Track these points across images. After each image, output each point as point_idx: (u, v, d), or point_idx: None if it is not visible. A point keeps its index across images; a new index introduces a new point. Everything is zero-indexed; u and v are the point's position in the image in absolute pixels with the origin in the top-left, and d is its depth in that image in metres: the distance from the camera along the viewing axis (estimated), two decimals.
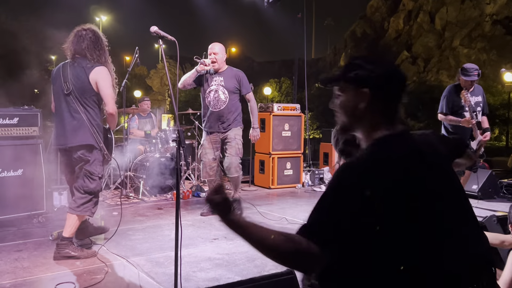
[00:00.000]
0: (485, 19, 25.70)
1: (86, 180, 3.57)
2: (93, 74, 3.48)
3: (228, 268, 3.42)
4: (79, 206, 3.55)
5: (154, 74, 44.37)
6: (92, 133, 3.52)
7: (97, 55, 3.55)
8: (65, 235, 3.55)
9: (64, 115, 3.56)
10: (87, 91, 3.50)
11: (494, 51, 23.95)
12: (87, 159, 3.55)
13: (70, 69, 3.54)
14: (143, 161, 6.40)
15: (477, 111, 5.04)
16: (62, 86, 3.55)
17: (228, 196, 1.33)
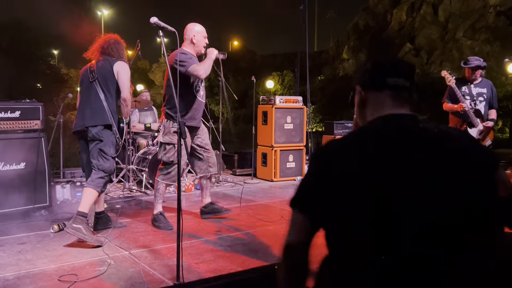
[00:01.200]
0: (489, 10, 25.51)
1: (101, 159, 3.89)
2: (116, 65, 3.98)
3: (231, 260, 3.43)
4: (93, 181, 3.84)
5: (156, 68, 44.34)
6: (108, 115, 3.92)
7: (119, 55, 4.09)
8: (81, 209, 3.68)
9: (86, 99, 3.98)
10: (109, 78, 3.96)
11: (498, 43, 23.79)
12: (100, 138, 3.89)
13: (96, 65, 4.02)
14: (145, 155, 6.41)
15: (478, 101, 5.15)
16: (88, 76, 4.01)
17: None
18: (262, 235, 4.13)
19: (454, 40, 26.15)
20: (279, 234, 4.17)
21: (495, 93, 5.34)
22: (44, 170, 4.66)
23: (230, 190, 6.48)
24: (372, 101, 1.46)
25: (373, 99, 1.46)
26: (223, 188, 6.66)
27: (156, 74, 44.03)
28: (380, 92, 1.45)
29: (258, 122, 7.63)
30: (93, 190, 3.81)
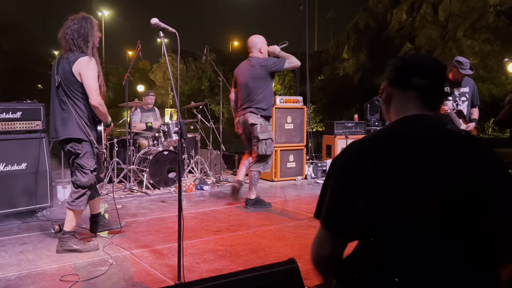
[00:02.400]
0: (489, 10, 25.51)
1: (78, 173, 3.56)
2: (76, 65, 3.42)
3: (231, 259, 3.44)
4: (73, 201, 3.56)
5: (157, 69, 44.37)
6: (80, 125, 3.47)
7: (78, 46, 3.48)
8: (66, 229, 3.59)
9: (55, 108, 3.56)
10: (72, 83, 3.45)
11: (498, 42, 23.79)
12: (77, 152, 3.53)
13: (61, 62, 3.52)
14: (146, 155, 6.43)
15: (460, 101, 5.11)
16: (54, 78, 3.53)
17: None
18: (263, 234, 4.14)
19: (454, 39, 26.16)
20: (280, 233, 4.19)
21: (476, 91, 5.28)
22: (45, 170, 4.68)
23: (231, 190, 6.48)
24: (397, 99, 1.46)
25: (398, 97, 1.46)
26: (224, 188, 6.67)
27: (156, 74, 44.06)
28: (405, 91, 1.44)
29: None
30: (76, 210, 3.59)
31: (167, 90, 41.00)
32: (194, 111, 7.45)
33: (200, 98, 31.63)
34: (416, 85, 1.41)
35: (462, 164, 1.30)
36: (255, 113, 5.07)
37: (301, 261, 1.76)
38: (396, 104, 1.46)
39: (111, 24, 45.98)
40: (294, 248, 3.74)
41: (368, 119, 8.89)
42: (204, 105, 7.43)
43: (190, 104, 7.44)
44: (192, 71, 42.83)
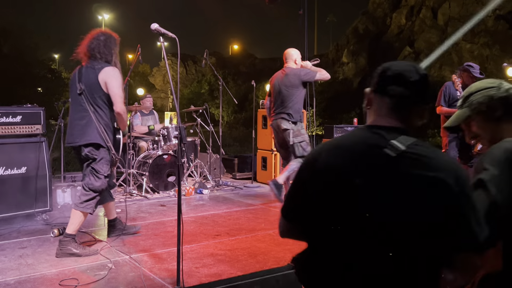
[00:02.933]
0: (488, 14, 25.58)
1: (92, 177, 3.64)
2: (102, 74, 3.57)
3: (231, 264, 3.44)
4: (82, 203, 3.61)
5: (156, 72, 44.42)
6: (100, 132, 3.58)
7: (105, 55, 3.67)
8: (68, 232, 3.60)
9: (75, 114, 3.67)
10: (96, 90, 3.59)
11: (497, 46, 23.84)
12: (94, 157, 3.62)
13: (84, 71, 3.66)
14: (146, 159, 6.43)
15: None
16: (76, 86, 3.66)
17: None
18: (262, 239, 4.14)
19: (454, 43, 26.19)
20: (279, 238, 4.18)
21: None
22: (45, 174, 4.68)
23: (230, 194, 6.50)
24: (375, 105, 1.50)
25: (376, 103, 1.49)
26: (223, 192, 6.67)
27: (156, 78, 44.10)
28: (382, 97, 1.47)
29: (258, 126, 7.66)
30: (81, 213, 3.62)
31: (167, 94, 41.05)
32: (193, 114, 7.46)
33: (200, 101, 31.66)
34: (391, 92, 1.44)
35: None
36: (286, 119, 5.37)
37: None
38: (373, 109, 1.50)
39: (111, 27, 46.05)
40: (293, 252, 3.73)
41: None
42: (204, 109, 7.44)
43: (190, 108, 7.45)
44: (192, 75, 42.89)
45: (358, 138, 1.46)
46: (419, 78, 1.47)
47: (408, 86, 1.44)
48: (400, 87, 1.44)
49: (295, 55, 5.61)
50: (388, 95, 1.45)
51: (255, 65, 42.03)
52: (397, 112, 1.45)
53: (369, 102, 1.53)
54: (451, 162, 1.37)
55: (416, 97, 1.45)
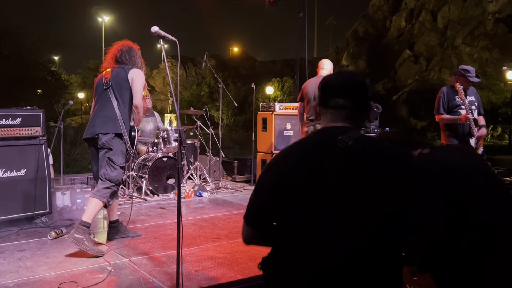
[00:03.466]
0: (488, 17, 25.64)
1: (108, 168, 3.81)
2: (131, 72, 3.94)
3: (230, 267, 3.44)
4: (99, 191, 3.77)
5: (156, 74, 44.46)
6: (120, 124, 3.84)
7: (133, 61, 4.04)
8: (84, 219, 3.62)
9: (99, 107, 3.93)
10: (123, 85, 3.91)
11: (497, 50, 23.89)
12: (110, 147, 3.82)
13: (111, 72, 3.98)
14: (145, 161, 6.42)
15: (472, 109, 5.09)
16: (102, 83, 3.95)
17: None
18: None
19: (453, 47, 26.26)
20: None
21: (479, 99, 5.30)
22: (45, 176, 4.67)
23: (230, 197, 6.49)
24: (323, 116, 1.70)
25: (323, 115, 1.70)
26: (223, 194, 6.67)
27: (156, 80, 44.14)
28: (326, 109, 1.67)
29: (258, 128, 7.66)
30: (98, 200, 3.73)
31: (167, 96, 41.07)
32: (193, 117, 7.46)
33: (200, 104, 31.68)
34: (332, 104, 1.64)
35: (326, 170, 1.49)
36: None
37: None
38: (323, 120, 1.70)
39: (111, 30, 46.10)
40: None
41: (366, 126, 8.89)
42: (204, 112, 7.44)
43: (190, 111, 7.45)
44: (192, 77, 42.93)
45: (311, 139, 1.69)
46: (357, 87, 1.66)
47: (348, 96, 1.63)
48: (341, 99, 1.63)
49: (330, 67, 5.84)
50: (330, 106, 1.65)
51: (255, 68, 42.10)
52: (344, 118, 1.63)
53: (318, 115, 1.72)
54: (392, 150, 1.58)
55: (357, 104, 1.64)
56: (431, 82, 24.74)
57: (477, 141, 5.04)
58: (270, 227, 1.57)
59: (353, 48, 32.43)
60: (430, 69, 26.78)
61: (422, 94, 23.26)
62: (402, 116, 23.78)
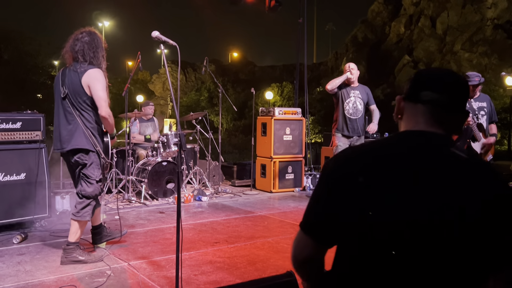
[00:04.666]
0: (486, 24, 25.73)
1: (84, 184, 3.57)
2: (85, 77, 3.46)
3: (229, 271, 3.44)
4: (78, 212, 3.56)
5: (156, 79, 44.49)
6: (87, 136, 3.50)
7: (90, 57, 3.54)
8: (70, 240, 3.58)
9: (60, 119, 3.57)
10: (80, 94, 3.48)
11: (496, 55, 23.96)
12: (84, 163, 3.54)
13: (67, 73, 3.55)
14: (145, 165, 6.43)
15: (480, 115, 5.14)
16: (59, 90, 3.56)
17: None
18: (261, 246, 4.14)
19: (452, 52, 26.34)
20: (278, 245, 4.18)
21: (493, 107, 5.36)
22: (44, 180, 4.68)
23: (229, 201, 6.49)
24: (407, 113, 1.39)
25: (408, 111, 1.39)
26: (222, 199, 6.67)
27: (156, 85, 44.16)
28: (415, 105, 1.37)
29: (257, 133, 7.67)
30: (81, 221, 3.58)
31: (167, 101, 41.10)
32: (193, 122, 7.47)
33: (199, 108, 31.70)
34: (425, 98, 1.33)
35: (441, 188, 1.22)
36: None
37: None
38: (406, 117, 1.40)
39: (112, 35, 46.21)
40: None
41: (367, 131, 8.90)
42: (204, 116, 7.46)
43: (189, 115, 7.47)
44: (192, 82, 42.98)
45: (410, 143, 1.33)
46: (457, 84, 1.36)
47: (445, 92, 1.34)
48: (436, 93, 1.34)
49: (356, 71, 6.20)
50: (422, 101, 1.35)
51: (254, 73, 42.16)
52: (435, 120, 1.34)
53: (400, 111, 1.43)
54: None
55: (453, 104, 1.35)
56: None
57: (482, 146, 5.08)
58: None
59: (353, 54, 32.50)
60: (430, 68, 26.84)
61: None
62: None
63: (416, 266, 1.21)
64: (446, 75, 1.37)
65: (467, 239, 1.19)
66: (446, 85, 1.34)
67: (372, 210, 1.22)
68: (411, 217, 1.20)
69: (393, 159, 1.28)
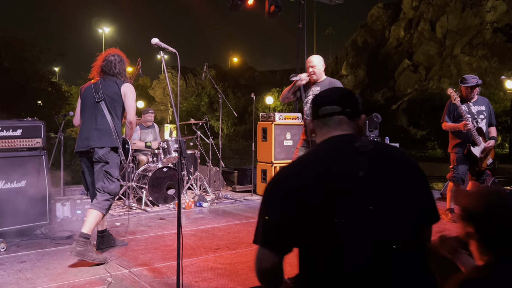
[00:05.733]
0: (486, 27, 25.79)
1: (106, 181, 3.87)
2: (124, 87, 3.95)
3: (231, 278, 3.43)
4: (99, 203, 3.82)
5: (156, 85, 44.59)
6: (115, 138, 3.89)
7: (123, 76, 4.06)
8: (84, 231, 3.66)
9: (92, 120, 3.92)
10: (116, 100, 3.93)
11: (495, 59, 23.99)
12: (107, 161, 3.85)
13: (101, 84, 3.96)
14: (145, 172, 6.42)
15: (479, 119, 5.14)
16: (93, 96, 3.94)
17: None
18: None
19: (452, 56, 26.38)
20: None
21: (492, 110, 5.36)
22: (45, 188, 4.67)
23: (230, 207, 6.48)
24: (317, 130, 1.72)
25: (317, 128, 1.72)
26: (223, 205, 6.66)
27: (156, 91, 44.26)
28: (318, 121, 1.70)
29: (258, 138, 7.67)
30: (98, 212, 3.78)
31: (167, 106, 41.16)
32: (193, 127, 7.47)
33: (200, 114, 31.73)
34: (323, 112, 1.67)
35: (369, 176, 1.49)
36: None
37: None
38: (318, 133, 1.72)
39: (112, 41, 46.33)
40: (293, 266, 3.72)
41: (367, 136, 8.90)
42: (204, 122, 7.46)
43: (190, 121, 7.47)
44: (192, 87, 43.06)
45: (326, 149, 1.64)
46: (344, 95, 1.71)
47: (338, 102, 1.66)
48: (330, 106, 1.67)
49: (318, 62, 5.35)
50: (321, 116, 1.68)
51: (254, 78, 42.24)
52: (336, 125, 1.66)
53: (313, 130, 1.73)
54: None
55: (348, 109, 1.66)
56: (431, 91, 24.82)
57: (482, 150, 5.07)
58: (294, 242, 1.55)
59: (353, 58, 32.58)
60: (429, 78, 26.88)
61: (422, 103, 23.33)
62: (402, 126, 23.81)
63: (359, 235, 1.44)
64: (333, 90, 1.77)
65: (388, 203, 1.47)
66: (334, 98, 1.69)
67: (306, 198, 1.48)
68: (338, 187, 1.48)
69: (318, 161, 1.58)
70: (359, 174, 1.48)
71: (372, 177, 1.49)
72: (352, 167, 1.50)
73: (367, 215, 1.43)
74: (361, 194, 1.45)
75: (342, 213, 1.43)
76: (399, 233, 1.45)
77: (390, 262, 1.41)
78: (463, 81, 5.19)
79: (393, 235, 1.44)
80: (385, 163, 1.55)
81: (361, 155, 1.53)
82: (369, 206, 1.44)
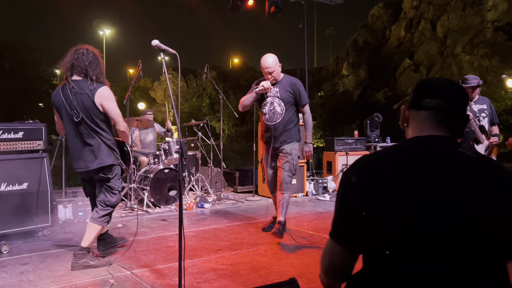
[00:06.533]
0: (487, 26, 25.75)
1: (108, 195, 3.75)
2: (97, 97, 3.53)
3: (233, 279, 3.42)
4: (100, 217, 3.71)
5: (157, 86, 44.65)
6: (109, 153, 3.65)
7: (96, 74, 3.62)
8: (83, 245, 3.65)
9: (78, 141, 3.63)
10: (96, 114, 3.56)
11: (497, 58, 23.95)
12: (108, 177, 3.71)
13: (72, 96, 3.54)
14: (147, 173, 6.43)
15: (481, 117, 5.19)
16: (69, 113, 3.56)
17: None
18: (264, 253, 4.12)
19: (453, 55, 26.34)
20: (281, 252, 4.17)
21: (493, 109, 5.40)
22: (47, 190, 4.68)
23: (232, 208, 6.48)
24: (413, 120, 1.49)
25: (413, 119, 1.49)
26: (225, 205, 6.66)
27: (157, 92, 44.31)
28: (418, 112, 1.47)
29: (259, 139, 7.66)
30: (99, 226, 3.72)
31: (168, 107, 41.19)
32: (194, 128, 7.48)
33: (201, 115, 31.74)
34: (427, 104, 1.44)
35: (455, 187, 1.29)
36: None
37: (302, 280, 1.76)
38: (412, 125, 1.50)
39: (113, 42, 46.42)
40: (295, 266, 3.72)
41: (368, 136, 8.90)
42: (205, 123, 7.46)
43: (191, 122, 7.48)
44: (193, 89, 43.09)
45: (415, 148, 1.42)
46: (456, 90, 1.46)
47: (446, 98, 1.44)
48: (437, 99, 1.44)
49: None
50: (424, 107, 1.45)
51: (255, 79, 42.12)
52: (439, 124, 1.43)
53: (405, 119, 1.52)
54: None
55: (455, 109, 1.44)
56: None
57: (486, 148, 5.12)
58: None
59: (353, 58, 32.56)
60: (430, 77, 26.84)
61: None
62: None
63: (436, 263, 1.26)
64: (444, 83, 1.48)
65: (479, 233, 1.25)
66: (445, 92, 1.45)
67: (392, 211, 1.29)
68: (427, 216, 1.27)
69: (407, 163, 1.36)
70: (445, 184, 1.29)
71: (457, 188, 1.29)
72: (443, 175, 1.31)
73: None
74: (452, 207, 1.26)
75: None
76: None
77: (475, 278, 1.27)
78: (464, 81, 5.23)
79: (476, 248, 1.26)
80: (484, 177, 1.33)
81: (458, 163, 1.34)
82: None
